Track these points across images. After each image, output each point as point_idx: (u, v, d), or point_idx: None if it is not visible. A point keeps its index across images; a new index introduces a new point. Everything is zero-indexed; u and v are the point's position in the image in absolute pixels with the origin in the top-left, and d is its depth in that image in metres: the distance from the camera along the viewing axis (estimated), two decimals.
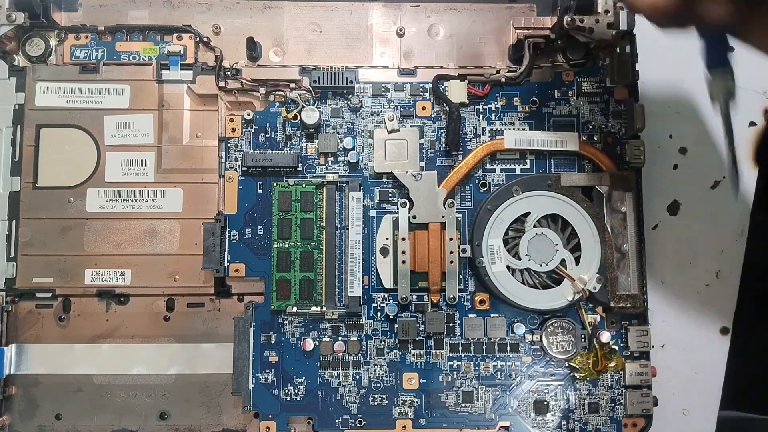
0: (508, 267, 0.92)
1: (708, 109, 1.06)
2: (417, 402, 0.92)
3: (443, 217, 0.93)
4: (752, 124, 1.06)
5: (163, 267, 0.93)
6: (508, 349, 0.93)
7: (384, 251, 0.94)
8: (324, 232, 0.93)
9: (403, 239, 0.92)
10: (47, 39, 0.95)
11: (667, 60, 1.05)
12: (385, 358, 0.93)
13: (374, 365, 0.93)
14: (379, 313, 0.93)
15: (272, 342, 0.92)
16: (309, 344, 0.92)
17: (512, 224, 0.93)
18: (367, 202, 0.94)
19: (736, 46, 0.77)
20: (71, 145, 0.94)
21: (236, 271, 0.93)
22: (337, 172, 0.95)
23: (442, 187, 0.93)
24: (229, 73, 0.95)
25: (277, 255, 0.93)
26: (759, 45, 0.75)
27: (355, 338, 0.93)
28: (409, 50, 0.99)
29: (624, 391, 0.93)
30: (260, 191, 0.94)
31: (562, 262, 0.92)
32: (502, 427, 0.92)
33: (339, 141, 0.95)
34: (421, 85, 0.96)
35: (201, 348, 0.93)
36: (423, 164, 0.95)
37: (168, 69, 0.95)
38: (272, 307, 0.92)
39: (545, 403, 0.93)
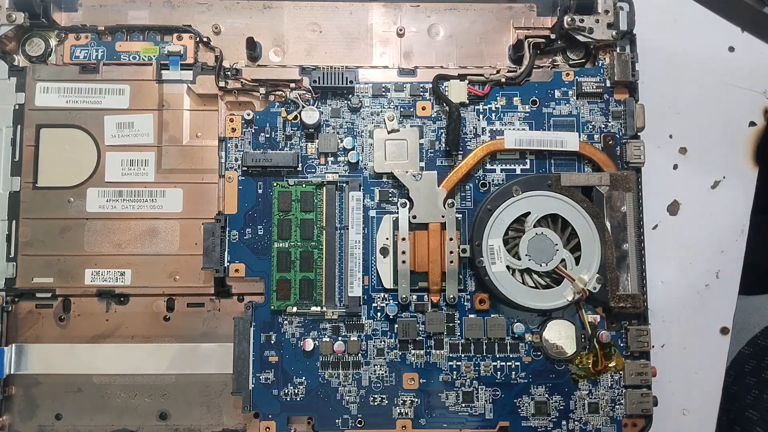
0: (508, 267, 0.92)
1: (708, 109, 1.05)
2: (417, 402, 0.92)
3: (443, 217, 0.93)
4: (752, 124, 1.06)
5: (163, 267, 0.93)
6: (508, 349, 0.93)
7: (384, 251, 0.94)
8: (324, 232, 0.93)
9: (403, 239, 0.92)
10: (47, 39, 0.95)
11: (667, 60, 1.05)
12: (385, 358, 0.93)
13: (374, 365, 0.93)
14: (379, 313, 0.93)
15: (272, 342, 0.92)
16: (309, 344, 0.92)
17: (512, 224, 0.93)
18: (367, 202, 0.94)
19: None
20: (71, 145, 0.94)
21: (236, 271, 0.93)
22: (337, 172, 0.95)
23: (442, 187, 0.93)
24: (229, 73, 0.95)
25: (277, 255, 0.93)
26: None
27: (355, 338, 0.93)
28: (409, 50, 0.99)
29: (624, 391, 0.93)
30: (260, 191, 0.94)
31: (562, 262, 0.92)
32: (502, 427, 0.92)
33: (339, 141, 0.95)
34: (421, 85, 0.96)
35: (201, 348, 0.93)
36: (423, 164, 0.95)
37: (168, 69, 0.96)
38: (272, 307, 0.92)
39: (545, 403, 0.93)
